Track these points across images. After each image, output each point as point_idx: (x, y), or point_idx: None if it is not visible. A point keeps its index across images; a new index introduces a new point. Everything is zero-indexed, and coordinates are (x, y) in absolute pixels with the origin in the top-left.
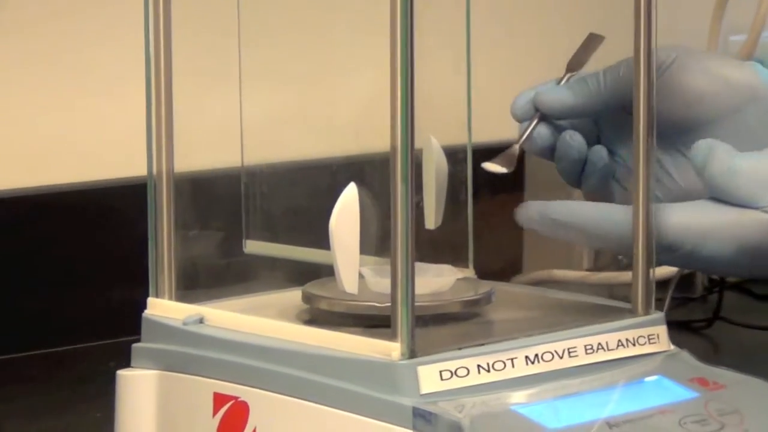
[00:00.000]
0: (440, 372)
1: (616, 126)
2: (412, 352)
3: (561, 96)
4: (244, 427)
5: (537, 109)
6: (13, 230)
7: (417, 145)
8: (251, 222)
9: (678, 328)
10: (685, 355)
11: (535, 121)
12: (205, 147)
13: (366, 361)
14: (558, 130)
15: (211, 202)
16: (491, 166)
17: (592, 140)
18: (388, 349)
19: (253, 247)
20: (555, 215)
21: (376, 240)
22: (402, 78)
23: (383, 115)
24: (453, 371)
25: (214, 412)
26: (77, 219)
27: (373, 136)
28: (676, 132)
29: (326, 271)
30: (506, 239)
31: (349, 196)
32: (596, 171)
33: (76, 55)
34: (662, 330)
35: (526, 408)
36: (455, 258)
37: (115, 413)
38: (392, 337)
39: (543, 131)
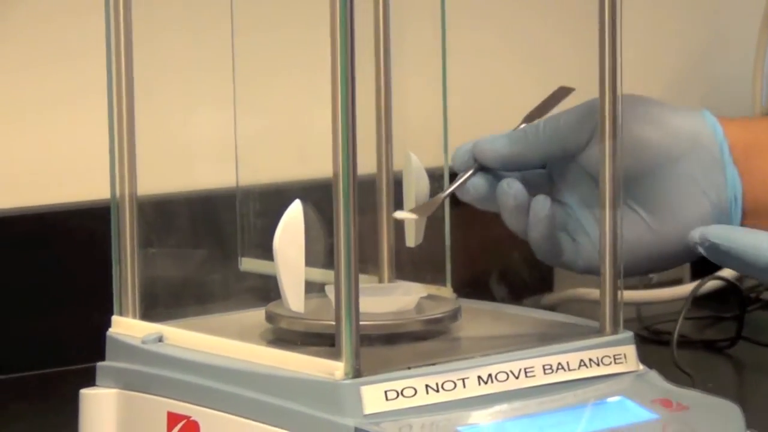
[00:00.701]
0: (385, 392)
1: (565, 176)
2: (356, 372)
3: (497, 146)
4: None
5: (476, 160)
6: None
7: (398, 163)
8: (246, 239)
9: (702, 348)
10: (653, 376)
11: (469, 172)
12: (168, 168)
13: (311, 381)
14: (499, 179)
15: (185, 221)
16: (400, 214)
17: (544, 190)
18: (332, 369)
19: (248, 264)
20: (715, 239)
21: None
22: (342, 105)
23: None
24: (399, 391)
25: (168, 431)
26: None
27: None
28: None
29: (311, 289)
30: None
31: (293, 213)
32: (539, 221)
33: (37, 78)
34: (630, 350)
35: (474, 429)
36: (436, 276)
37: (79, 431)
38: (336, 356)
39: (478, 182)
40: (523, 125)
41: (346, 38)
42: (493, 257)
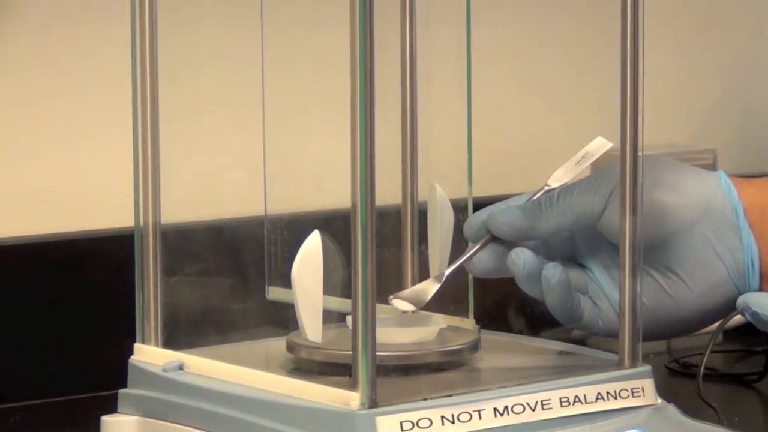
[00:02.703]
0: (401, 422)
1: (586, 240)
2: (372, 402)
3: (510, 219)
4: None
5: (488, 231)
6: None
7: (423, 194)
8: (273, 268)
9: (730, 381)
10: (671, 410)
11: (478, 244)
12: (189, 198)
13: (327, 411)
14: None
15: (208, 250)
16: (399, 303)
17: (567, 252)
18: (348, 399)
19: (276, 293)
20: (755, 307)
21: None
22: (361, 135)
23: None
24: (414, 422)
25: None
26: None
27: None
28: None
29: (332, 319)
30: None
31: (312, 244)
32: (551, 288)
33: (66, 108)
34: (648, 383)
35: None
36: (459, 308)
37: None
38: (352, 386)
39: (483, 256)
40: (546, 189)
41: (365, 68)
42: (517, 289)
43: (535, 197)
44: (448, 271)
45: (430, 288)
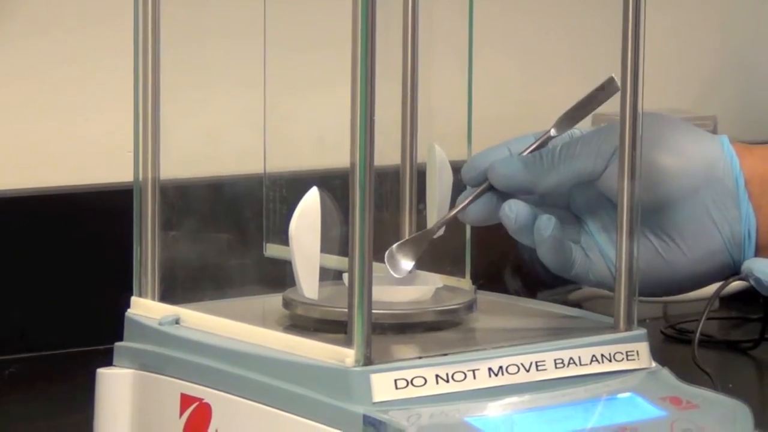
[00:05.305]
0: (395, 380)
1: (584, 193)
2: (366, 359)
3: (511, 171)
4: (207, 429)
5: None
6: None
7: (422, 155)
8: (271, 225)
9: (725, 348)
10: (665, 373)
11: (471, 195)
12: (189, 155)
13: (322, 367)
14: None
15: (206, 206)
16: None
17: (562, 203)
18: (343, 356)
19: (273, 250)
20: (759, 274)
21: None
22: (362, 94)
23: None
24: (409, 380)
25: (181, 413)
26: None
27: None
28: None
29: (329, 276)
30: None
31: (310, 201)
32: (544, 241)
33: (69, 67)
34: (643, 347)
35: (482, 420)
36: (456, 268)
37: (94, 410)
38: (348, 343)
39: (477, 208)
40: (547, 136)
41: (366, 28)
42: (515, 250)
43: (537, 144)
44: (442, 220)
45: (421, 239)
